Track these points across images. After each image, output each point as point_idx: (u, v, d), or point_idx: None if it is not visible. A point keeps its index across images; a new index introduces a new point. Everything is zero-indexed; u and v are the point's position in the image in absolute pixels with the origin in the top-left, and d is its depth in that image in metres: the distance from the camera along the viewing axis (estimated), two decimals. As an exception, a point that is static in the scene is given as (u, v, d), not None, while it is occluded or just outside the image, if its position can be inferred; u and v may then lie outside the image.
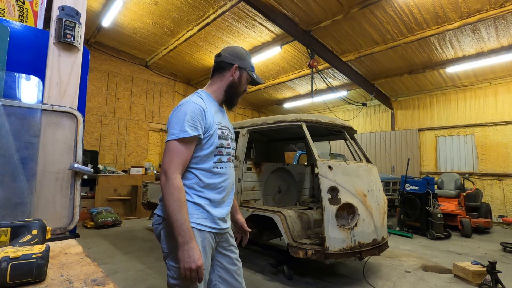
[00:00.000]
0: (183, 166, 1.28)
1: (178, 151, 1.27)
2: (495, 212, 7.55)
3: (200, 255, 1.19)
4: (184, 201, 1.24)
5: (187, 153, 1.29)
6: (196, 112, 1.32)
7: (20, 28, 1.44)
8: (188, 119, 1.28)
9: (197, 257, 1.18)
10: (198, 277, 1.19)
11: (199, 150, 1.36)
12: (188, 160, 1.31)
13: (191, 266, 1.16)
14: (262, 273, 3.54)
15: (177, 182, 1.24)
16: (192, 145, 1.31)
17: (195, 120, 1.30)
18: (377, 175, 3.52)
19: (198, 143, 1.35)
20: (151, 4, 6.56)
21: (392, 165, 9.78)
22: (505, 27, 5.90)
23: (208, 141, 1.36)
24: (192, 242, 1.19)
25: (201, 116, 1.33)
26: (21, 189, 1.20)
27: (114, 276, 3.33)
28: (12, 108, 1.22)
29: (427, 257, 4.32)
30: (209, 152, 1.37)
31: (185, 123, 1.27)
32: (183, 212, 1.21)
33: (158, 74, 9.88)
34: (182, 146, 1.27)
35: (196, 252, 1.18)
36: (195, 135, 1.29)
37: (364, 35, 6.74)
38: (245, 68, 1.47)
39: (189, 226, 1.21)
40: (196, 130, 1.29)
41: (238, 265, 1.49)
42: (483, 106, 8.17)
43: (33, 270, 0.64)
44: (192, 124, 1.29)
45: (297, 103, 11.27)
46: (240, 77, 1.47)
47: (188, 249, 1.18)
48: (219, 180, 1.40)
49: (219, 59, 1.48)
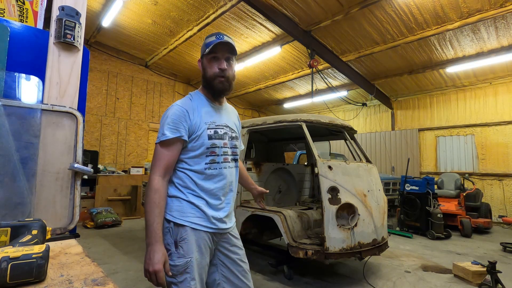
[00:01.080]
0: (164, 168, 1.30)
1: (159, 154, 1.31)
2: (495, 212, 7.55)
3: (161, 259, 1.17)
4: (158, 203, 1.25)
5: (170, 154, 1.31)
6: (178, 114, 1.33)
7: (20, 28, 1.44)
8: (169, 122, 1.31)
9: (157, 261, 1.16)
10: (158, 282, 1.16)
11: (190, 151, 1.36)
12: (172, 162, 1.33)
13: (148, 268, 1.17)
14: (262, 273, 3.54)
15: (154, 183, 1.26)
16: (175, 147, 1.32)
17: (176, 122, 1.32)
18: (377, 175, 3.52)
19: (185, 145, 1.35)
20: (151, 4, 6.56)
21: (392, 165, 9.78)
22: (505, 27, 5.90)
23: (197, 142, 1.35)
24: (156, 245, 1.19)
25: (184, 117, 1.33)
26: (21, 189, 1.20)
27: (114, 276, 3.33)
28: (12, 108, 1.22)
29: (427, 257, 4.32)
30: (200, 153, 1.36)
31: (165, 126, 1.31)
32: (154, 213, 1.22)
33: (158, 74, 9.88)
34: (164, 149, 1.31)
35: (157, 255, 1.17)
36: (174, 137, 1.30)
37: (364, 35, 6.74)
38: (202, 54, 1.43)
39: (157, 229, 1.21)
40: (177, 131, 1.31)
41: (242, 266, 1.46)
42: (483, 106, 8.17)
43: (33, 270, 0.64)
44: (173, 126, 1.31)
45: (297, 103, 11.27)
46: (204, 66, 1.44)
47: (151, 251, 1.18)
48: (212, 182, 1.38)
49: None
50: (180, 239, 1.29)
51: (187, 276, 1.26)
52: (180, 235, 1.29)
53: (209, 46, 1.36)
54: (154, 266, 1.15)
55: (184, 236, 1.29)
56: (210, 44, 1.37)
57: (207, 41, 1.39)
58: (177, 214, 1.31)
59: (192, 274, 1.27)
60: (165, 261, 1.20)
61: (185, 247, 1.28)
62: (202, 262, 1.33)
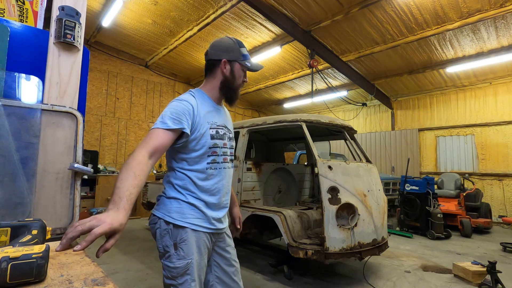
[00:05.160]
0: (154, 148, 1.17)
1: (154, 134, 1.20)
2: (495, 212, 7.55)
3: (118, 227, 0.89)
4: (138, 176, 1.05)
5: (165, 139, 1.21)
6: (183, 107, 1.29)
7: (20, 28, 1.44)
8: (173, 112, 1.26)
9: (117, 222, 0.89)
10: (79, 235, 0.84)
11: (191, 151, 1.33)
12: (163, 148, 1.21)
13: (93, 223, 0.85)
14: (262, 273, 3.54)
15: (138, 156, 1.11)
16: (171, 137, 1.23)
17: (180, 114, 1.26)
18: (377, 175, 3.52)
19: (185, 144, 1.32)
20: (151, 4, 6.56)
21: (392, 165, 9.78)
22: (505, 27, 5.90)
23: (199, 141, 1.33)
24: (122, 211, 0.94)
25: (188, 111, 1.29)
26: (21, 189, 1.20)
27: (114, 276, 3.33)
28: (12, 108, 1.22)
29: (427, 257, 4.32)
30: (202, 153, 1.34)
31: (167, 116, 1.24)
32: (131, 182, 1.02)
33: (158, 74, 9.88)
34: (161, 133, 1.21)
35: (120, 218, 0.91)
36: (176, 128, 1.24)
37: (364, 35, 6.74)
38: (235, 59, 1.40)
39: (131, 199, 0.99)
40: (180, 123, 1.25)
41: (235, 265, 1.49)
42: (483, 106, 8.17)
43: (33, 270, 0.64)
44: (176, 117, 1.25)
45: (297, 103, 11.27)
46: (232, 71, 1.40)
47: (114, 214, 0.91)
48: (213, 181, 1.38)
49: (206, 58, 1.45)
50: (180, 240, 1.28)
51: (187, 278, 1.25)
52: (180, 237, 1.28)
53: (247, 59, 1.41)
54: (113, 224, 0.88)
55: (184, 238, 1.28)
56: (246, 57, 1.42)
57: (243, 52, 1.42)
58: (176, 216, 1.30)
59: (192, 275, 1.26)
60: (112, 237, 0.89)
61: (185, 249, 1.27)
62: (201, 263, 1.33)
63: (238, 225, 1.70)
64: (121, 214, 0.93)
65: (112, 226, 0.87)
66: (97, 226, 0.84)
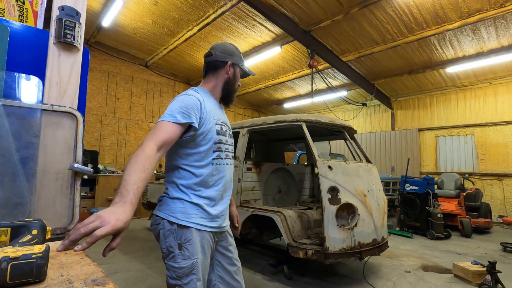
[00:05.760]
0: (163, 141, 1.17)
1: (163, 126, 1.20)
2: (495, 212, 7.55)
3: (125, 222, 0.88)
4: (147, 170, 1.04)
5: (173, 132, 1.21)
6: (191, 101, 1.31)
7: (20, 28, 1.44)
8: (182, 106, 1.26)
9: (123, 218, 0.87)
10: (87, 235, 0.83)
11: (198, 145, 1.35)
12: (171, 141, 1.21)
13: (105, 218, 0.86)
14: (262, 273, 3.54)
15: (148, 149, 1.10)
16: (179, 130, 1.23)
17: (189, 108, 1.27)
18: (377, 175, 3.52)
19: (192, 138, 1.32)
20: (151, 4, 6.56)
21: (392, 165, 9.78)
22: (505, 27, 5.90)
23: (206, 136, 1.35)
24: (129, 206, 0.92)
25: (196, 106, 1.31)
26: (21, 189, 1.20)
27: (114, 276, 3.33)
28: (12, 108, 1.22)
29: (427, 257, 4.32)
30: (208, 148, 1.36)
31: (175, 110, 1.25)
32: (139, 176, 1.00)
33: (158, 74, 9.88)
34: (169, 126, 1.21)
35: (126, 214, 0.90)
36: (185, 122, 1.24)
37: (364, 35, 6.74)
38: (237, 63, 1.52)
39: (138, 193, 0.97)
40: (189, 117, 1.25)
41: (237, 265, 1.50)
42: (483, 106, 8.17)
43: (33, 270, 0.64)
44: (185, 111, 1.26)
45: (297, 103, 11.27)
46: (234, 73, 1.52)
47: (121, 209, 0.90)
48: (216, 177, 1.39)
49: (211, 59, 1.49)
50: (184, 240, 1.28)
51: (193, 277, 1.25)
52: (185, 237, 1.28)
53: (243, 65, 1.56)
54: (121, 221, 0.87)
55: (189, 238, 1.28)
56: (244, 63, 1.57)
57: (242, 58, 1.58)
58: (181, 216, 1.29)
59: (198, 275, 1.26)
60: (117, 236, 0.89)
61: (190, 249, 1.27)
62: (205, 263, 1.33)
63: (236, 223, 1.71)
64: (127, 209, 0.92)
65: (115, 227, 0.87)
66: (100, 227, 0.84)
